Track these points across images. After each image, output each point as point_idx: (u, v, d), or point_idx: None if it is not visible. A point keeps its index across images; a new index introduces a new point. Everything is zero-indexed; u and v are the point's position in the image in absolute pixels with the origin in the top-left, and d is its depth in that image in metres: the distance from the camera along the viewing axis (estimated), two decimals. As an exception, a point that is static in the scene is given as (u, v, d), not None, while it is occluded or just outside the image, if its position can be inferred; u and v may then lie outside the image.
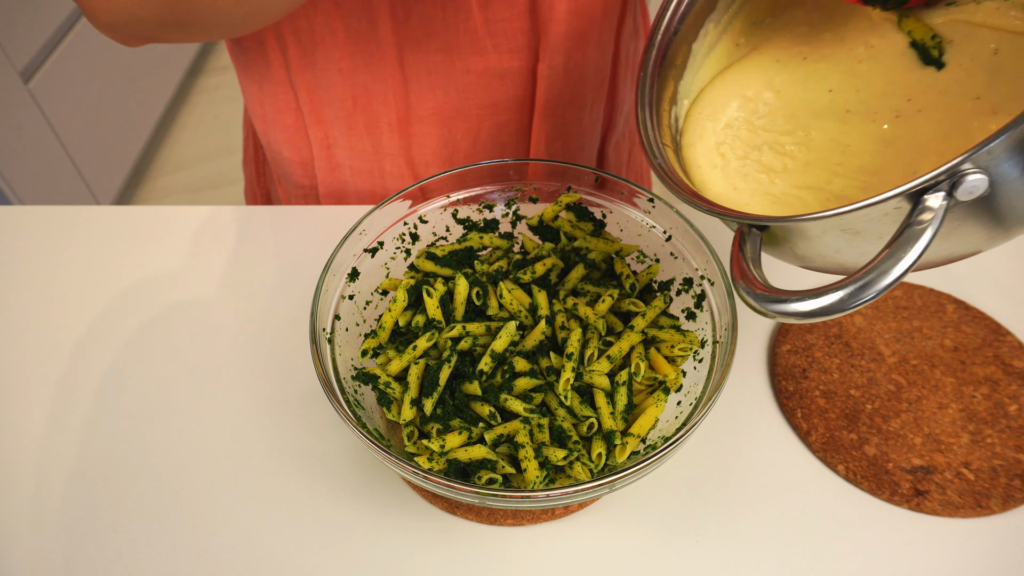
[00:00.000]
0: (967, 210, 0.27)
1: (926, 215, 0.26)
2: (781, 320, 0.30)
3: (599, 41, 0.62)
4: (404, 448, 0.45)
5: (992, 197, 0.27)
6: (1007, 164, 0.26)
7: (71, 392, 0.54)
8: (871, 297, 0.27)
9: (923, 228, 0.26)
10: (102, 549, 0.46)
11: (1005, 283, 0.60)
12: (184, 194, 1.98)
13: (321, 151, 0.68)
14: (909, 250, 0.27)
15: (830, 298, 0.28)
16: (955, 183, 0.26)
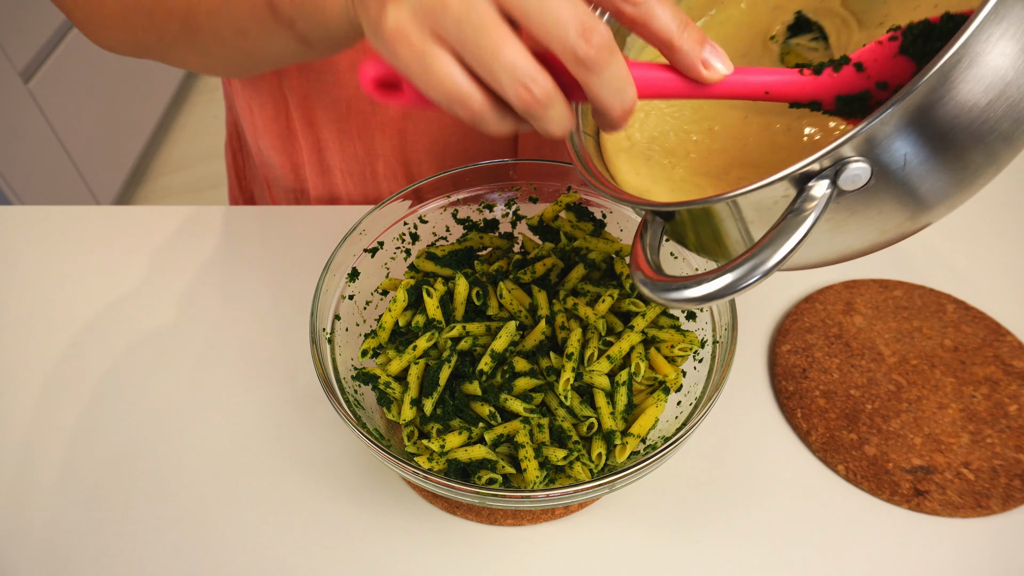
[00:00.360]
0: (855, 201, 0.27)
1: (809, 203, 0.26)
2: (675, 307, 0.30)
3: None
4: (404, 448, 0.45)
5: (878, 189, 0.27)
6: (887, 152, 0.26)
7: (71, 392, 0.54)
8: (755, 280, 0.27)
9: (804, 216, 0.26)
10: (102, 549, 0.46)
11: (1005, 283, 0.60)
12: (184, 194, 1.98)
13: (312, 155, 0.68)
14: (789, 237, 0.27)
15: (717, 283, 0.28)
16: (838, 171, 0.26)
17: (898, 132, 0.25)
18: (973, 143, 0.25)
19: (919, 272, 0.61)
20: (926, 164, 0.26)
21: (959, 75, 0.23)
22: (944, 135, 0.25)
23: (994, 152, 0.26)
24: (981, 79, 0.24)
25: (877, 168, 0.26)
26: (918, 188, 0.27)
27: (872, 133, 0.25)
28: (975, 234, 0.65)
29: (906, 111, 0.24)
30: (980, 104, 0.24)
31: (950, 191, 0.28)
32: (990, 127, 0.25)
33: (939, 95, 0.24)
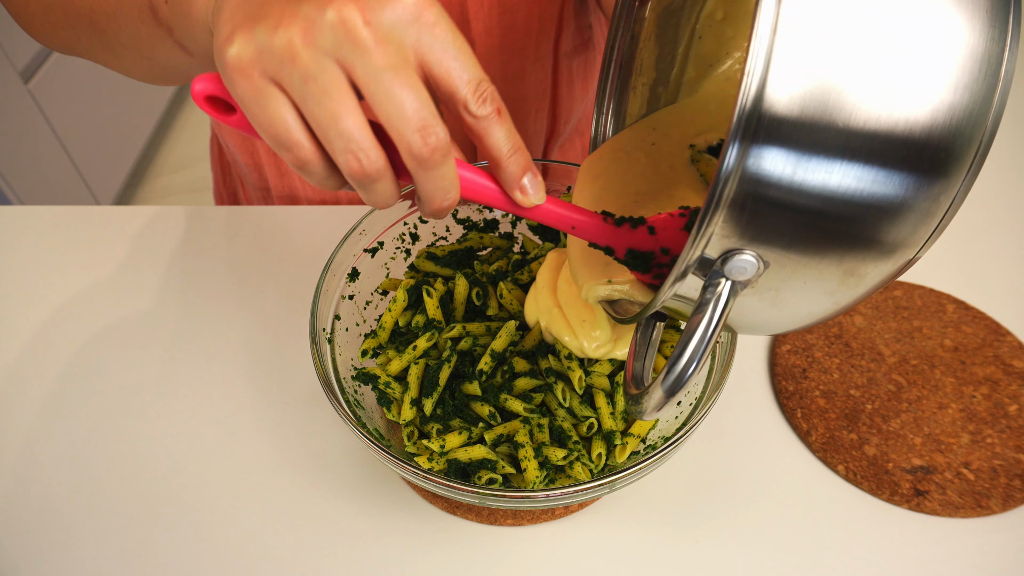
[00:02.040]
0: (771, 280, 0.27)
1: (709, 296, 0.27)
2: (646, 419, 0.32)
3: (536, 55, 0.62)
4: (404, 448, 0.45)
5: (783, 269, 0.26)
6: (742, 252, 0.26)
7: (71, 391, 0.54)
8: (685, 381, 0.28)
9: (703, 313, 0.27)
10: (102, 548, 0.46)
11: (1005, 283, 0.60)
12: (184, 194, 1.98)
13: (268, 156, 0.68)
14: (694, 336, 0.27)
15: (654, 400, 0.29)
16: (724, 263, 0.26)
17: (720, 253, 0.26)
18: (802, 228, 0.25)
19: (919, 272, 0.61)
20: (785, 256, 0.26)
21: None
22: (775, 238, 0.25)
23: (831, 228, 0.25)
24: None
25: (765, 253, 0.26)
26: (816, 267, 0.26)
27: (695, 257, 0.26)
28: (975, 234, 0.65)
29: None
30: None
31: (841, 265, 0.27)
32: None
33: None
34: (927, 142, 0.23)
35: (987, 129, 0.24)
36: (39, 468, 0.50)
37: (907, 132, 0.23)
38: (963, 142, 0.23)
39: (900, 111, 0.23)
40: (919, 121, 0.23)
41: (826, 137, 0.23)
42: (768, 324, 0.31)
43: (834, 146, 0.23)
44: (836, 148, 0.23)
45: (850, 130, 0.23)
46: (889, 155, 0.23)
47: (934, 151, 0.23)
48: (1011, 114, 0.83)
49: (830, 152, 0.23)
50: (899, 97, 0.23)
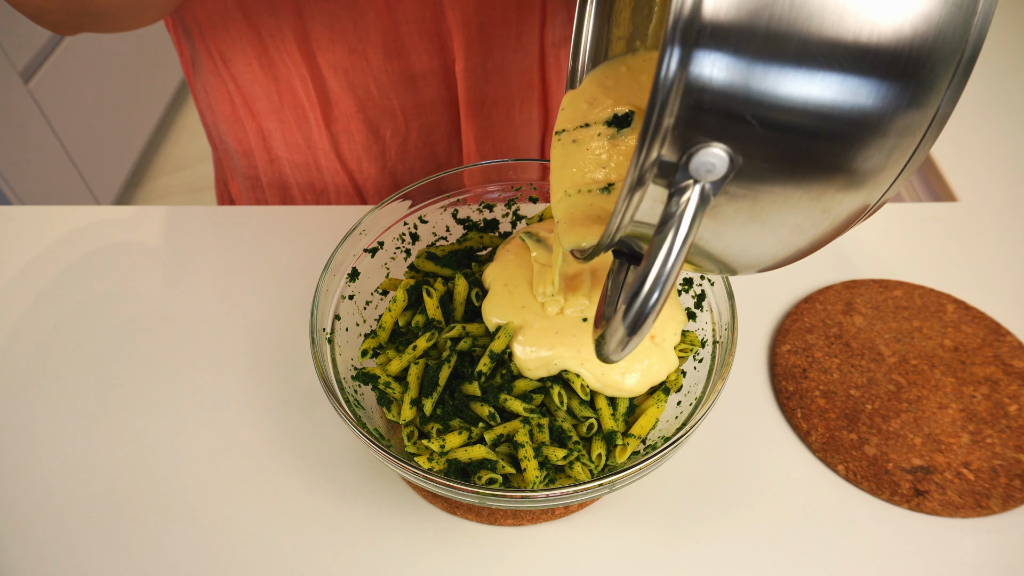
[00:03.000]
0: (747, 189, 0.24)
1: (675, 209, 0.23)
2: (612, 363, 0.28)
3: (519, 44, 0.61)
4: (404, 448, 0.45)
5: (755, 170, 0.23)
6: (711, 126, 0.22)
7: (71, 391, 0.54)
8: (653, 306, 0.24)
9: (669, 227, 0.23)
10: (101, 548, 0.46)
11: (1005, 283, 0.60)
12: (184, 194, 1.98)
13: (258, 142, 0.68)
14: (660, 252, 0.24)
15: (616, 333, 0.26)
16: (688, 162, 0.23)
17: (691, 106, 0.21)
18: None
19: (919, 272, 0.61)
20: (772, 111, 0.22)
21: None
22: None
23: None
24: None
25: (736, 146, 0.22)
26: (798, 155, 0.23)
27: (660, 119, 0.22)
28: (975, 234, 0.65)
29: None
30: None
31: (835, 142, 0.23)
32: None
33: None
34: (896, 50, 0.21)
35: (968, 43, 0.21)
36: (39, 468, 0.50)
37: (873, 39, 0.21)
38: (938, 54, 0.21)
39: (866, 12, 0.20)
40: (886, 27, 0.21)
41: (780, 41, 0.20)
42: (753, 248, 0.27)
43: (790, 51, 0.21)
44: (793, 54, 0.21)
45: (809, 34, 0.20)
46: (855, 63, 0.21)
47: (904, 61, 0.21)
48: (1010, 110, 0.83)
49: (786, 57, 0.21)
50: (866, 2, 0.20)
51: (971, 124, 0.82)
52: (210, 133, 0.75)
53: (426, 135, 0.65)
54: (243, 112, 0.66)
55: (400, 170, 0.68)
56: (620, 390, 0.44)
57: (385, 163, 0.67)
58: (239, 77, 0.63)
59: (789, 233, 0.26)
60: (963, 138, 0.80)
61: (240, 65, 0.62)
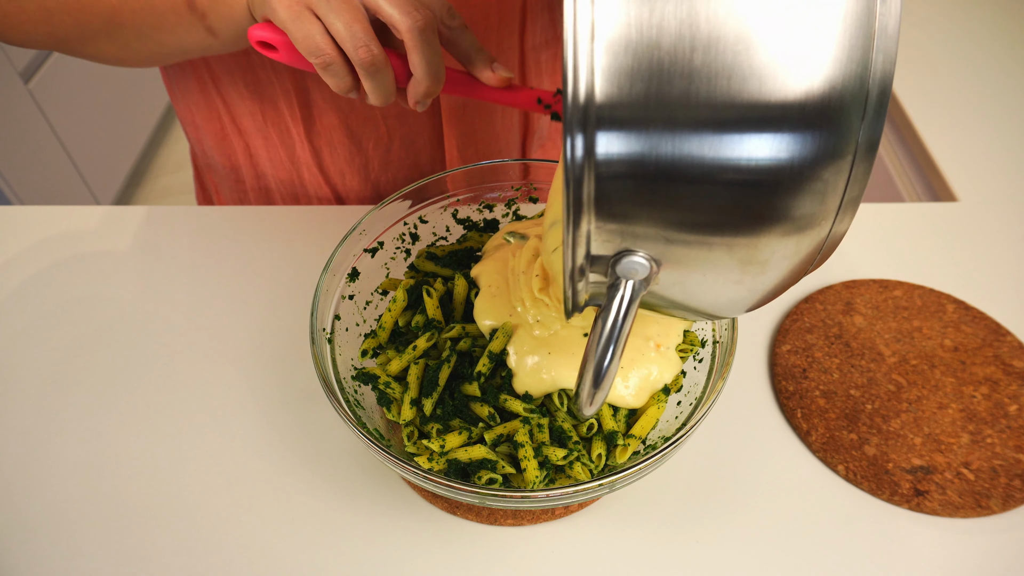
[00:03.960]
0: (670, 274, 0.27)
1: (611, 303, 0.27)
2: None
3: (499, 48, 0.61)
4: (404, 448, 0.45)
5: (676, 265, 0.26)
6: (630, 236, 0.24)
7: (71, 391, 0.54)
8: (601, 387, 0.29)
9: (607, 315, 0.27)
10: (101, 548, 0.46)
11: (1005, 283, 0.60)
12: (184, 194, 1.98)
13: (245, 159, 0.68)
14: (600, 338, 0.28)
15: (581, 398, 0.30)
16: (616, 262, 0.26)
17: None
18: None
19: (919, 272, 0.61)
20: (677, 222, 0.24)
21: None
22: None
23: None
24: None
25: (652, 254, 0.25)
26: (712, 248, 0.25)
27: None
28: (975, 234, 0.65)
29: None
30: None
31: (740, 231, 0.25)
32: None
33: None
34: (787, 109, 0.21)
35: (871, 86, 0.22)
36: (39, 468, 0.50)
37: (763, 99, 0.21)
38: (836, 110, 0.22)
39: (756, 76, 0.21)
40: (775, 87, 0.21)
41: (671, 113, 0.21)
42: (699, 310, 0.30)
43: (683, 121, 0.21)
44: (686, 123, 0.21)
45: (697, 102, 0.21)
46: (742, 121, 0.22)
47: (800, 118, 0.21)
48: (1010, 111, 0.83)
49: (680, 127, 0.22)
50: (755, 60, 0.21)
51: (971, 124, 0.82)
52: (192, 149, 0.75)
53: (409, 144, 0.65)
54: (231, 130, 0.66)
55: (383, 180, 0.68)
56: (625, 402, 0.44)
57: (368, 175, 0.67)
58: (227, 96, 0.63)
59: (726, 302, 0.29)
60: (963, 138, 0.80)
61: (227, 85, 0.62)
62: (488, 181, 0.54)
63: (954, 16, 1.01)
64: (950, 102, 0.86)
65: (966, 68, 0.91)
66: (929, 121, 0.84)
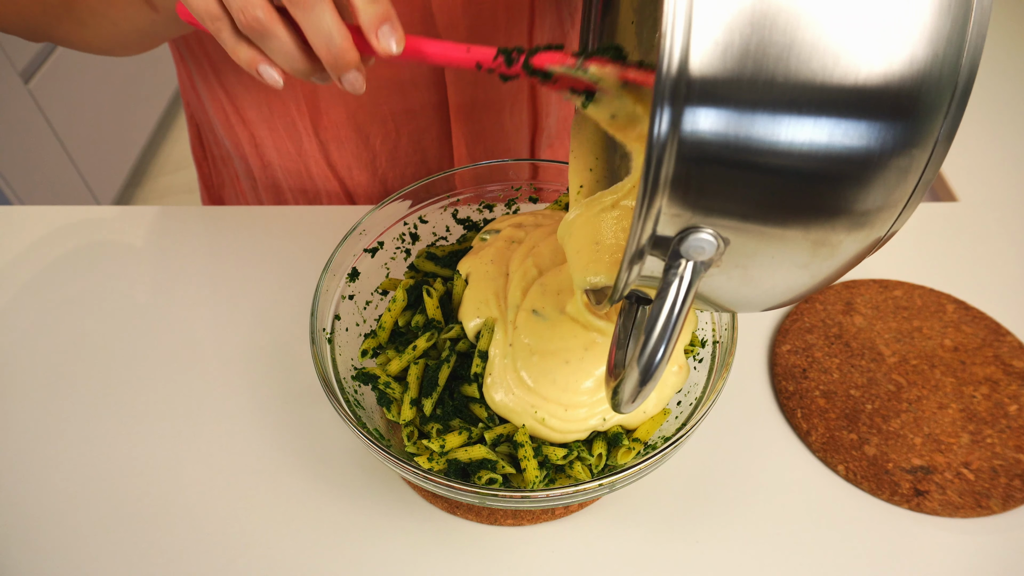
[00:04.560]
0: (736, 259, 0.26)
1: (671, 282, 0.25)
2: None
3: (508, 45, 0.62)
4: (404, 448, 0.45)
5: (744, 247, 0.25)
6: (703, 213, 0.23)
7: (70, 391, 0.54)
8: (653, 373, 0.27)
9: (664, 297, 0.26)
10: (102, 548, 0.46)
11: (1005, 283, 0.60)
12: (184, 194, 1.98)
13: (251, 148, 0.68)
14: (656, 325, 0.26)
15: (625, 392, 0.28)
16: (680, 244, 0.24)
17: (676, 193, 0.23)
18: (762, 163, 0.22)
19: (919, 272, 0.61)
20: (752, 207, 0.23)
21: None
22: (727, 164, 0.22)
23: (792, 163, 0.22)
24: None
25: (723, 229, 0.24)
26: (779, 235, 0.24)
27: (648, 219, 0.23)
28: (975, 234, 0.65)
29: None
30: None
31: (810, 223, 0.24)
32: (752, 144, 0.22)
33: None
34: (884, 91, 0.21)
35: (961, 76, 0.21)
36: (38, 468, 0.50)
37: (861, 81, 0.21)
38: (929, 91, 0.21)
39: (852, 56, 0.21)
40: (874, 68, 0.21)
41: (766, 91, 0.21)
42: (748, 301, 0.30)
43: (778, 100, 0.21)
44: (780, 102, 0.21)
45: (793, 81, 0.21)
46: (843, 107, 0.21)
47: (894, 101, 0.21)
48: (1010, 111, 0.83)
49: (774, 107, 0.21)
50: (851, 40, 0.21)
51: (971, 125, 0.82)
52: (205, 138, 0.75)
53: (416, 141, 0.65)
54: (235, 120, 0.66)
55: (390, 177, 0.68)
56: (643, 419, 0.45)
57: (375, 170, 0.67)
58: (230, 87, 0.63)
59: (783, 290, 0.28)
60: (963, 138, 0.80)
61: (231, 76, 0.62)
62: (496, 180, 0.54)
63: (954, 16, 1.01)
64: (950, 102, 0.86)
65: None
66: (929, 121, 0.84)
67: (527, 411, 0.43)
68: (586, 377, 0.43)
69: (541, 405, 0.43)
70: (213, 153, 0.75)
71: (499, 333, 0.45)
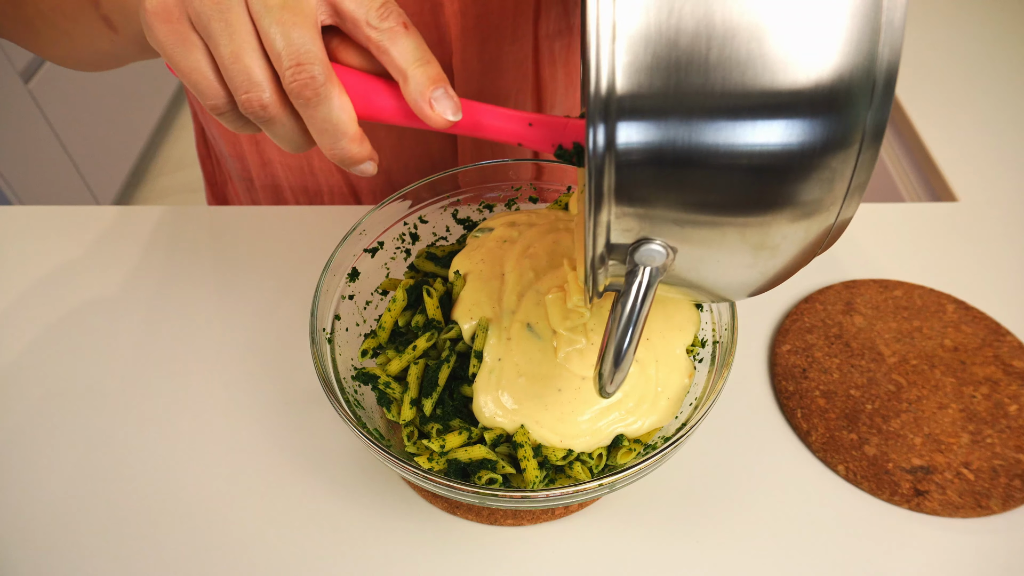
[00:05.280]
0: (685, 260, 0.28)
1: (630, 288, 0.28)
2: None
3: (514, 36, 0.61)
4: (404, 448, 0.45)
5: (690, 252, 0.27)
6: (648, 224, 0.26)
7: (71, 392, 0.54)
8: (620, 372, 0.30)
9: (625, 301, 0.28)
10: (101, 548, 0.46)
11: (1005, 283, 0.60)
12: (184, 194, 1.98)
13: (250, 146, 0.68)
14: (619, 324, 0.29)
15: (605, 371, 0.31)
16: (635, 249, 0.27)
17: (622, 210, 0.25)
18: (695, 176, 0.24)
19: (919, 272, 0.61)
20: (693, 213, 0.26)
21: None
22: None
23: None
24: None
25: (670, 242, 0.27)
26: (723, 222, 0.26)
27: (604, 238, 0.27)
28: (975, 234, 0.65)
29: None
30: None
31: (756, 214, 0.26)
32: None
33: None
34: (800, 92, 0.22)
35: (879, 70, 0.23)
36: (38, 468, 0.50)
37: (777, 85, 0.22)
38: (847, 90, 0.23)
39: (766, 63, 0.22)
40: (787, 71, 0.22)
41: (689, 101, 0.23)
42: (706, 294, 0.32)
43: (700, 108, 0.23)
44: (702, 110, 0.23)
45: (711, 90, 0.22)
46: (759, 110, 0.23)
47: (810, 100, 0.23)
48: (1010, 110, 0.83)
49: (696, 115, 0.23)
50: (764, 49, 0.22)
51: (971, 124, 0.82)
52: (209, 135, 0.75)
53: (421, 135, 0.65)
54: None
55: (395, 169, 0.68)
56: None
57: (380, 164, 0.67)
58: None
59: (739, 285, 0.30)
60: (963, 138, 0.80)
61: None
62: (499, 179, 0.54)
63: (954, 16, 1.01)
64: (950, 102, 0.86)
65: (966, 68, 0.91)
66: (929, 121, 0.84)
67: (516, 426, 0.43)
68: (585, 407, 0.43)
69: (533, 428, 0.43)
70: (216, 151, 0.75)
71: (493, 337, 0.45)
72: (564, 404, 0.43)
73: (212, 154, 0.77)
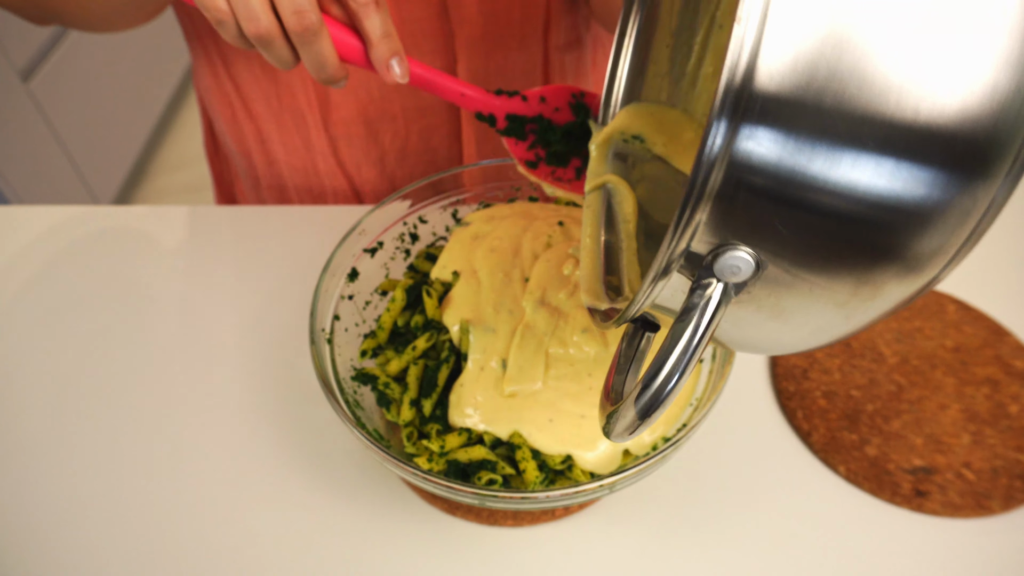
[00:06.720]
0: (770, 287, 0.23)
1: (696, 302, 0.23)
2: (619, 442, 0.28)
3: (522, 45, 0.61)
4: (403, 449, 0.44)
5: (780, 274, 0.23)
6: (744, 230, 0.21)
7: (70, 392, 0.54)
8: (659, 406, 0.24)
9: (689, 320, 0.23)
10: (101, 548, 0.46)
11: (1006, 283, 0.60)
12: (184, 194, 1.97)
13: (256, 145, 0.68)
14: (673, 350, 0.23)
15: (624, 421, 0.25)
16: (714, 261, 0.22)
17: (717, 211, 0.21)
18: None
19: (920, 272, 0.61)
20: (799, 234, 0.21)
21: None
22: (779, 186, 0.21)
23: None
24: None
25: (765, 248, 0.22)
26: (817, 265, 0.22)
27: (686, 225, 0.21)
28: (976, 234, 0.65)
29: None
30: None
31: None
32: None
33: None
34: (960, 131, 0.19)
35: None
36: (38, 468, 0.50)
37: (936, 119, 0.19)
38: (1005, 132, 0.19)
39: (930, 92, 0.19)
40: (952, 105, 0.19)
41: (834, 120, 0.19)
42: (769, 340, 0.27)
43: (843, 132, 0.19)
44: (845, 134, 0.19)
45: (864, 113, 0.19)
46: (912, 146, 0.19)
47: (969, 142, 0.19)
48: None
49: (838, 139, 0.19)
50: (929, 75, 0.19)
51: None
52: (218, 131, 0.75)
53: (426, 139, 0.65)
54: (241, 115, 0.66)
55: (399, 175, 0.68)
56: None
57: (384, 167, 0.67)
58: (239, 80, 0.63)
59: (812, 330, 0.25)
60: (964, 138, 0.80)
61: (241, 68, 0.62)
62: (501, 179, 0.54)
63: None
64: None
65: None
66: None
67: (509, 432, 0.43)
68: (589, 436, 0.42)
69: (531, 434, 0.42)
70: (225, 149, 0.75)
71: (476, 351, 0.45)
72: (552, 436, 0.42)
73: (220, 152, 0.77)
